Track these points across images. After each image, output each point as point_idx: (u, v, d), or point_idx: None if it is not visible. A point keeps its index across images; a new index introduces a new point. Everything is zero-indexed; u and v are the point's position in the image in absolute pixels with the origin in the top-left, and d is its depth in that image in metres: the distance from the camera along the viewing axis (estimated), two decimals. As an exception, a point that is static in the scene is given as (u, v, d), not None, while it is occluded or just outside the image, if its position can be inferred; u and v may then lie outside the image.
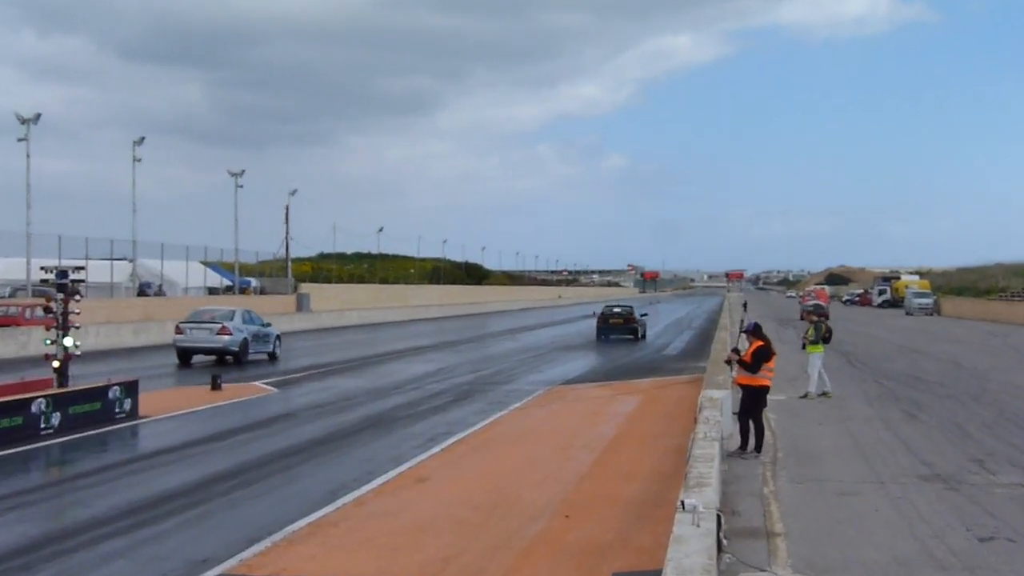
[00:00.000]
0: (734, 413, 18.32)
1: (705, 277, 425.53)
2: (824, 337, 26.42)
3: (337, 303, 79.37)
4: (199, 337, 39.16)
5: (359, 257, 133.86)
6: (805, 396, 25.85)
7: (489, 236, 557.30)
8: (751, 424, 17.23)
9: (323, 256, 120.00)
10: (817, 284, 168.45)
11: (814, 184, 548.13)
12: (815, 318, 27.31)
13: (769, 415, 21.07)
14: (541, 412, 24.79)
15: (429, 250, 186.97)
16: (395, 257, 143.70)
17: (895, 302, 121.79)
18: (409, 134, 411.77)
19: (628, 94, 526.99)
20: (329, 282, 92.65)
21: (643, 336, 56.79)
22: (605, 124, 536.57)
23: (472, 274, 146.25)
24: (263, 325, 41.51)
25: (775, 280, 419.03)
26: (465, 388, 29.90)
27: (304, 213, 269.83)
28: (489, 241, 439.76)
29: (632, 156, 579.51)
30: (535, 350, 45.79)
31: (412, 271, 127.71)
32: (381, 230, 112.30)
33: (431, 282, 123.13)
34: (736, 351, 17.83)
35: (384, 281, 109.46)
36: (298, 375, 33.56)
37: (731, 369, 19.17)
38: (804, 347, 26.53)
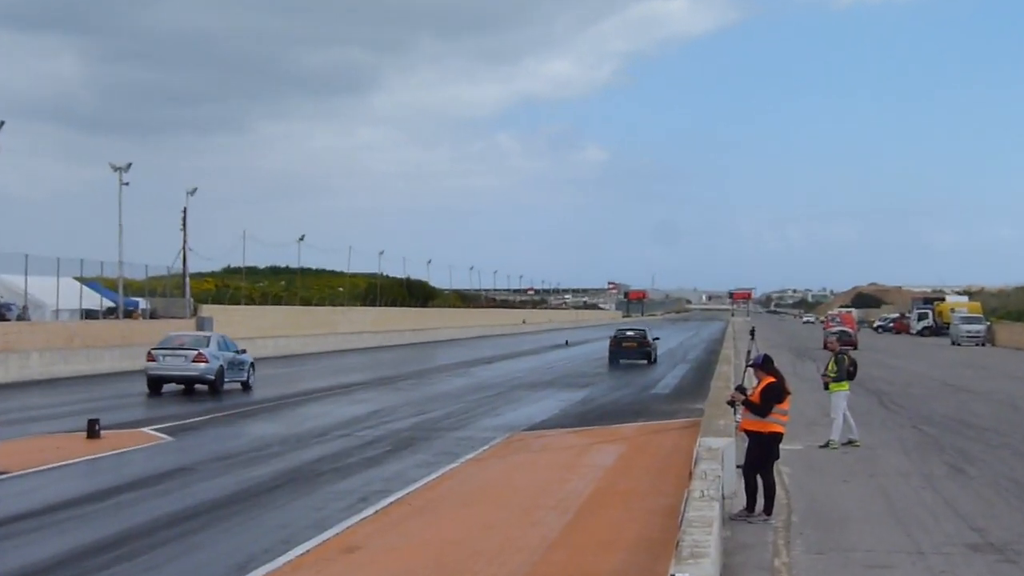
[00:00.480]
0: (738, 467, 18.28)
1: (704, 298, 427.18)
2: (849, 372, 26.21)
3: (247, 329, 78.84)
4: (173, 365, 44.34)
5: (275, 272, 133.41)
6: (827, 445, 25.90)
7: (437, 247, 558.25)
8: (759, 480, 17.25)
9: (230, 271, 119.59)
10: (842, 307, 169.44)
11: (839, 184, 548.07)
12: (838, 349, 27.22)
13: (782, 469, 21.09)
14: (500, 465, 24.74)
15: (362, 264, 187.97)
16: (320, 272, 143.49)
17: (938, 328, 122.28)
18: (338, 120, 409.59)
19: (609, 72, 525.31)
20: (237, 303, 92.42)
21: (655, 360, 68.93)
22: (581, 109, 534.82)
23: (416, 294, 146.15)
24: (238, 352, 46.79)
25: (790, 301, 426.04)
26: (406, 435, 29.71)
27: (207, 217, 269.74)
28: (437, 253, 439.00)
29: (614, 149, 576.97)
30: (494, 388, 45.88)
31: (341, 289, 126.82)
32: (302, 239, 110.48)
33: (365, 303, 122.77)
34: (741, 389, 17.91)
35: (306, 302, 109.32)
36: (199, 419, 33.50)
37: (735, 412, 19.29)
38: (825, 386, 26.39)
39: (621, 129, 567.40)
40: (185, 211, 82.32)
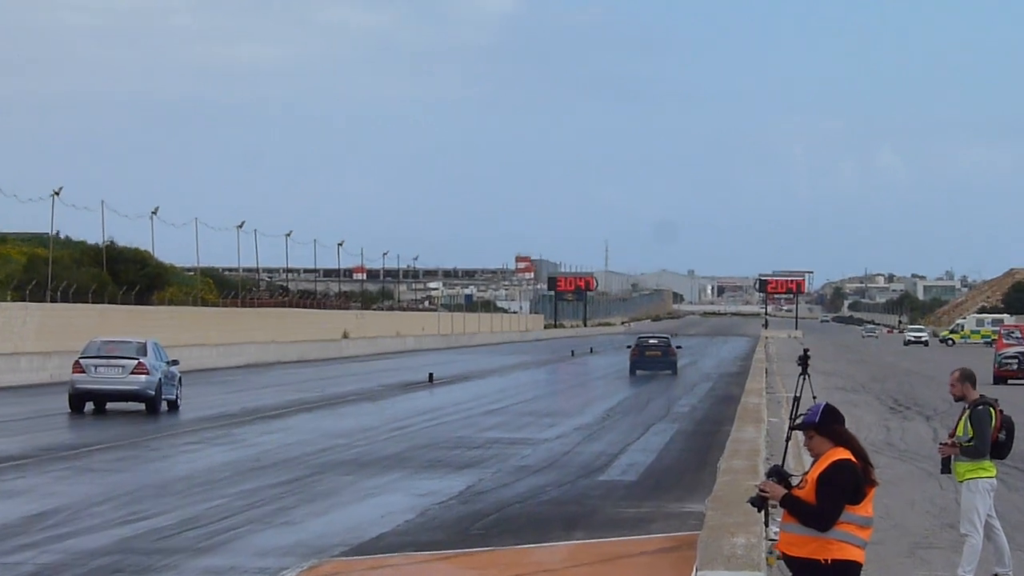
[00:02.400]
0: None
1: (710, 291, 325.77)
2: (997, 442, 16.27)
3: None
4: (107, 377, 41.56)
5: None
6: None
7: (172, 186, 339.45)
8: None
9: None
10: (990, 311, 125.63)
11: (956, 76, 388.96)
12: (977, 398, 16.61)
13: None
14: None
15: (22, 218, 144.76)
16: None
17: None
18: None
19: None
20: None
21: (677, 372, 70.83)
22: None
23: (127, 279, 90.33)
24: (169, 362, 43.79)
25: (878, 298, 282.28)
26: (101, 566, 17.75)
27: None
28: (170, 200, 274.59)
29: None
30: (285, 467, 29.81)
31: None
32: None
33: (20, 296, 74.68)
34: (780, 474, 10.64)
35: None
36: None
37: (764, 519, 12.25)
38: (946, 465, 16.48)
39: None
40: None
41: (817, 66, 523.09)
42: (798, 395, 16.36)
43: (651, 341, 74.00)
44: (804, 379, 20.89)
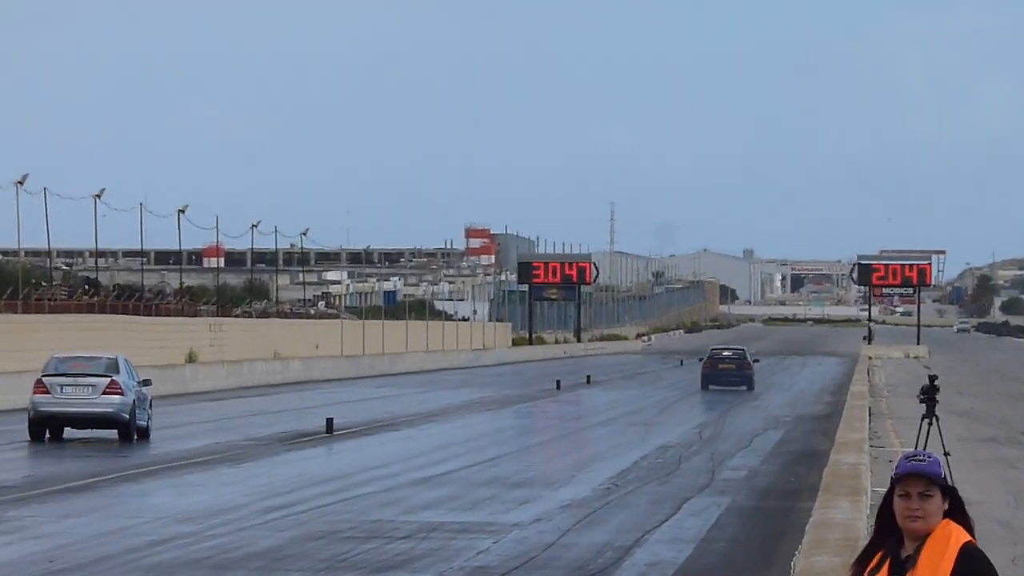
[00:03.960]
0: None
1: (778, 283, 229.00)
2: None
3: None
4: (75, 398, 42.20)
5: None
6: None
7: None
8: None
9: None
10: None
11: None
12: None
13: None
14: None
15: None
16: None
17: None
18: None
19: None
20: None
21: (753, 387, 73.75)
22: None
23: None
24: (140, 383, 43.80)
25: None
26: None
27: None
28: None
29: None
30: (97, 573, 25.01)
31: None
32: None
33: None
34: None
35: None
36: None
37: None
38: None
39: None
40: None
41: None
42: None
43: (725, 353, 77.28)
44: (930, 424, 22.43)
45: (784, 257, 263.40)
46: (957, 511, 7.98)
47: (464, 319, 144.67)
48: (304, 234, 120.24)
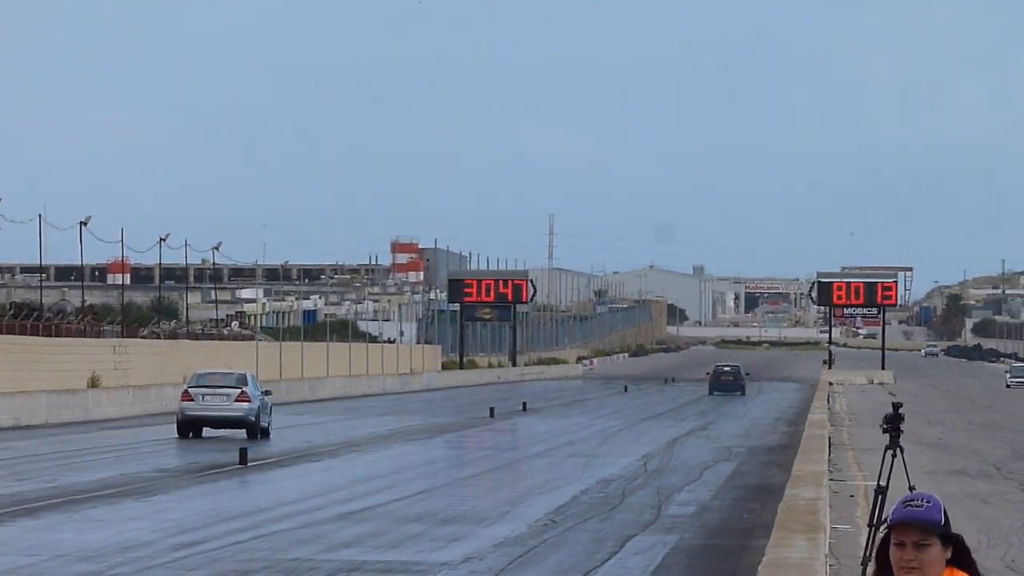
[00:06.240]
0: None
1: (731, 303, 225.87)
2: None
3: None
4: (214, 405, 53.62)
5: None
6: None
7: None
8: None
9: None
10: None
11: None
12: None
13: None
14: None
15: None
16: None
17: None
18: None
19: None
20: None
21: (745, 393, 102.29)
22: None
23: None
24: (264, 393, 55.78)
25: (1019, 314, 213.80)
26: None
27: None
28: None
29: None
30: None
31: None
32: None
33: None
34: None
35: None
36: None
37: None
38: None
39: None
40: None
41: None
42: (883, 484, 17.87)
43: (725, 369, 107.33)
44: (894, 456, 21.10)
45: (737, 274, 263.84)
46: (962, 559, 7.88)
47: (390, 341, 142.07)
48: (216, 248, 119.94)
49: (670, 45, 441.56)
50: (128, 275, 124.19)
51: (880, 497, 18.81)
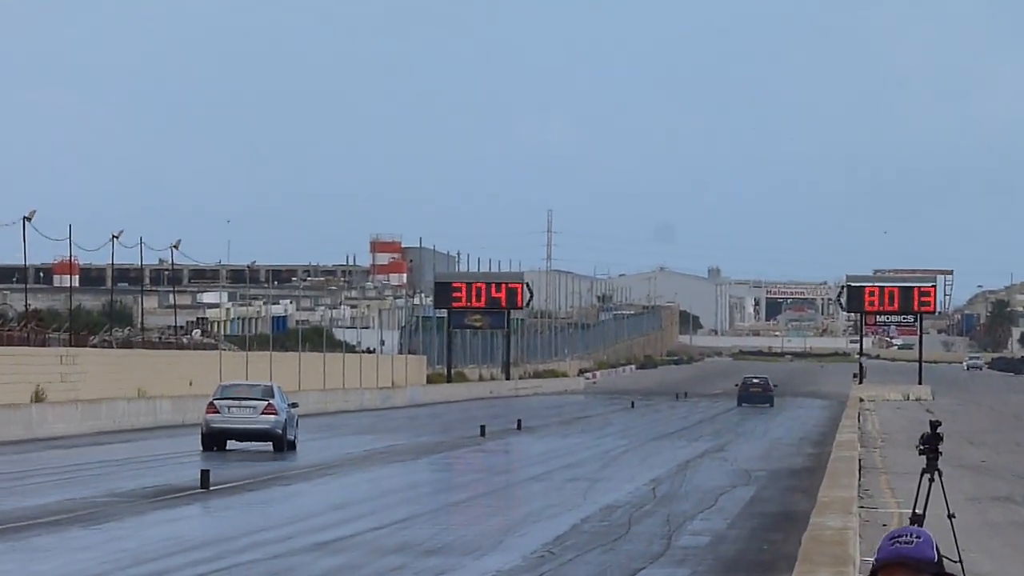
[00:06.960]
0: None
1: (750, 309, 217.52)
2: None
3: None
4: (240, 417, 54.76)
5: None
6: None
7: None
8: None
9: None
10: None
11: None
12: None
13: None
14: None
15: None
16: None
17: None
18: None
19: None
20: None
21: (773, 405, 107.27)
22: None
23: None
24: (290, 405, 57.13)
25: None
26: None
27: None
28: None
29: None
30: None
31: None
32: None
33: None
34: None
35: None
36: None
37: None
38: None
39: None
40: None
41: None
42: (919, 511, 18.13)
43: (755, 380, 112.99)
44: (931, 480, 21.69)
45: (757, 277, 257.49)
46: None
47: (369, 351, 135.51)
48: (175, 247, 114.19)
49: (687, 31, 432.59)
50: (77, 276, 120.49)
51: (915, 524, 18.19)
